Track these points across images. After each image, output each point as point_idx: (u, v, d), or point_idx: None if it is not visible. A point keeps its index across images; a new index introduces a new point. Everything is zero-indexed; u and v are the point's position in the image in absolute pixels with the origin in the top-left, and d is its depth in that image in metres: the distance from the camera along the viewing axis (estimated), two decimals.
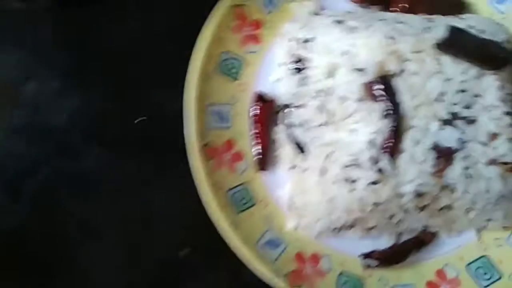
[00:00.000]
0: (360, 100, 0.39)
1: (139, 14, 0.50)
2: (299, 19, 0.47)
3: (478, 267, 0.46)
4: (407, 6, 0.46)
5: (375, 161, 0.38)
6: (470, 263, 0.46)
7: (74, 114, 0.49)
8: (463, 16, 0.45)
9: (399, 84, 0.38)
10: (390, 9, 0.46)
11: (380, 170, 0.38)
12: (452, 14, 0.45)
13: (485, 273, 0.45)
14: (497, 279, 0.45)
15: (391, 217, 0.41)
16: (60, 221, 0.47)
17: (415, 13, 0.46)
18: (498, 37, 0.40)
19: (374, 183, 0.38)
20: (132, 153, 0.48)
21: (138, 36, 0.49)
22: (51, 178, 0.48)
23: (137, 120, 0.48)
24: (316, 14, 0.46)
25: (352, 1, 0.47)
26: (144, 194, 0.48)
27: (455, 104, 0.38)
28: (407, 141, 0.38)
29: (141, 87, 0.49)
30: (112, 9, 0.50)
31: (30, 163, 0.48)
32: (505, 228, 0.46)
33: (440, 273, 0.46)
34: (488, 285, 0.45)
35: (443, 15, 0.45)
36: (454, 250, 0.46)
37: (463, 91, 0.38)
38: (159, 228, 0.47)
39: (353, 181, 0.39)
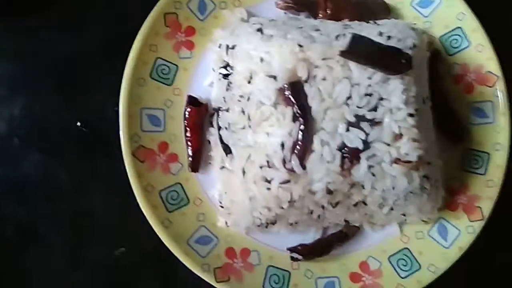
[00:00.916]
0: (275, 104, 0.41)
1: (79, 24, 0.52)
2: (229, 26, 0.49)
3: (399, 259, 0.48)
4: (331, 13, 0.48)
5: (285, 162, 0.40)
6: (392, 255, 0.49)
7: (13, 121, 0.50)
8: (380, 22, 0.47)
9: (309, 89, 0.40)
10: (315, 16, 0.49)
11: (291, 170, 0.40)
12: (376, 19, 0.48)
13: (405, 264, 0.48)
14: (416, 270, 0.48)
15: (311, 212, 0.44)
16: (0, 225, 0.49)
17: (339, 19, 0.48)
18: (407, 43, 0.43)
19: (286, 182, 0.41)
20: (70, 158, 0.50)
21: (77, 45, 0.51)
22: None
23: (77, 124, 0.50)
24: (245, 21, 0.49)
25: (278, 7, 0.49)
26: (82, 196, 0.50)
27: (361, 107, 0.40)
28: (316, 142, 0.40)
29: (80, 93, 0.51)
30: (53, 19, 0.52)
31: None
32: (424, 221, 0.49)
33: (363, 265, 0.48)
34: (407, 276, 0.48)
35: (366, 20, 0.47)
36: (377, 243, 0.49)
37: (369, 95, 0.40)
38: (97, 230, 0.49)
39: (269, 181, 0.41)
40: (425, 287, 0.47)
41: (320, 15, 0.50)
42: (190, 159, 0.49)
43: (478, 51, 0.50)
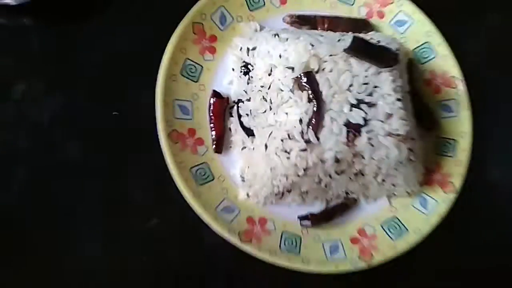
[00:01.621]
0: (292, 90, 0.51)
1: (118, 31, 0.60)
2: (245, 34, 0.60)
3: (390, 225, 0.58)
4: (328, 27, 0.60)
5: (303, 134, 0.50)
6: (384, 222, 0.58)
7: (56, 112, 0.57)
8: (369, 33, 0.59)
9: (319, 78, 0.51)
10: (315, 29, 0.60)
11: (307, 141, 0.50)
12: (362, 32, 0.60)
13: (396, 229, 0.57)
14: (404, 233, 0.57)
15: (320, 181, 0.53)
16: (45, 203, 0.54)
17: (333, 31, 0.60)
18: (392, 46, 0.55)
19: (303, 150, 0.50)
20: (110, 142, 0.57)
21: (115, 46, 0.60)
22: (37, 167, 0.55)
23: (114, 113, 0.58)
24: (258, 30, 0.60)
25: (285, 22, 0.61)
26: (119, 176, 0.56)
27: (360, 93, 0.51)
28: (327, 119, 0.50)
29: (117, 88, 0.59)
30: (93, 24, 0.61)
31: (20, 154, 0.56)
32: (409, 194, 0.59)
33: (361, 231, 0.57)
34: (397, 238, 0.57)
35: (354, 32, 0.59)
36: (371, 213, 0.58)
37: (366, 83, 0.51)
38: (134, 203, 0.56)
39: (288, 151, 0.51)
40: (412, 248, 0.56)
41: (318, 28, 0.61)
42: (215, 142, 0.57)
43: (443, 61, 0.63)
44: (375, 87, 0.52)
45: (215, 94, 0.58)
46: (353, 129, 0.50)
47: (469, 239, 0.61)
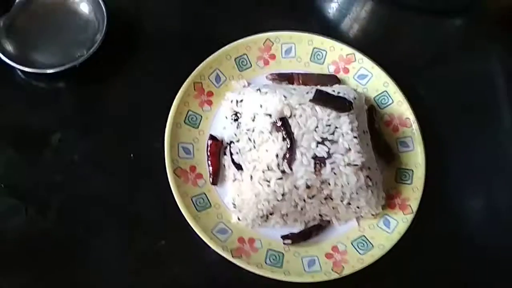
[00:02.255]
0: (271, 132, 0.65)
1: (133, 89, 0.76)
2: (235, 90, 0.75)
3: (358, 242, 0.69)
4: (301, 82, 0.75)
5: (279, 166, 0.63)
6: (353, 240, 0.69)
7: (86, 153, 0.72)
8: (333, 86, 0.74)
9: (291, 122, 0.64)
10: (291, 84, 0.75)
11: (283, 171, 0.63)
12: (328, 85, 0.74)
13: (363, 246, 0.68)
14: (370, 249, 0.68)
15: (296, 205, 0.65)
16: (75, 224, 0.67)
17: (307, 85, 0.75)
18: (350, 96, 0.69)
19: (280, 179, 0.63)
20: (127, 177, 0.71)
21: (132, 102, 0.75)
22: (71, 196, 0.69)
23: (130, 154, 0.72)
24: (246, 86, 0.75)
25: (267, 79, 0.76)
26: (133, 204, 0.69)
27: (324, 132, 0.64)
28: (298, 154, 0.63)
29: (133, 134, 0.73)
30: (113, 86, 0.76)
31: (56, 186, 0.69)
32: (373, 216, 0.70)
33: (334, 248, 0.68)
34: (364, 253, 0.68)
35: (323, 86, 0.74)
36: (343, 233, 0.70)
37: (328, 125, 0.65)
38: (144, 227, 0.68)
39: (268, 181, 0.64)
40: (377, 260, 0.67)
41: (294, 83, 0.76)
42: (211, 176, 0.70)
43: (398, 105, 0.77)
44: (336, 127, 0.65)
45: (212, 137, 0.72)
46: (319, 161, 0.63)
47: (424, 266, 0.70)
